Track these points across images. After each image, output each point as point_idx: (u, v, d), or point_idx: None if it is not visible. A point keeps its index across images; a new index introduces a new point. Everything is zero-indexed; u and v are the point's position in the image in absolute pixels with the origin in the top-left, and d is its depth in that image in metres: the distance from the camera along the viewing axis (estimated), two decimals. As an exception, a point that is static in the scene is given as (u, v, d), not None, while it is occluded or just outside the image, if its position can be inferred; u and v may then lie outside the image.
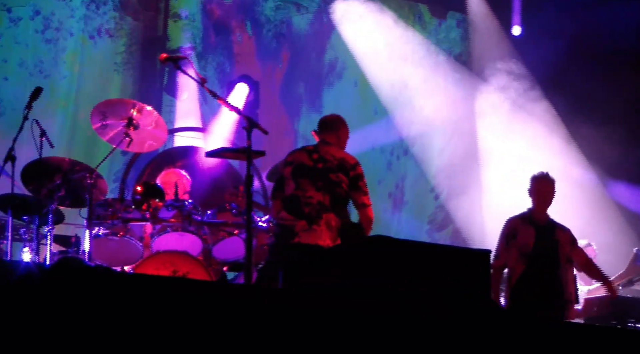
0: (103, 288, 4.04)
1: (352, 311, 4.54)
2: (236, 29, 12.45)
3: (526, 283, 7.87)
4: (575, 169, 12.73)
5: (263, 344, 4.18)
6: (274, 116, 12.49)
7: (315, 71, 13.08)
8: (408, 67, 13.14)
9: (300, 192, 6.98)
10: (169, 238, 8.35)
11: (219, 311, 4.19)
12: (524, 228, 7.96)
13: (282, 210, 7.00)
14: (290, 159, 7.17)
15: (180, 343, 4.02)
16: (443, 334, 4.68)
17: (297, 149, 7.31)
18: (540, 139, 12.86)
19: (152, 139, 8.39)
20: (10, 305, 3.83)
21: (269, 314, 4.28)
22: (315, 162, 7.09)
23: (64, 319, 3.87)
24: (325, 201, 6.98)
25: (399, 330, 4.56)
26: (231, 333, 4.14)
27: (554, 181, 8.09)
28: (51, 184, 7.92)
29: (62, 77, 11.17)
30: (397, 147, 13.42)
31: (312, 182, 7.01)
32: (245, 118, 6.40)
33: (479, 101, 13.41)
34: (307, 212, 6.92)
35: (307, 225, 6.90)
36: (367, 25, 12.83)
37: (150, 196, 8.18)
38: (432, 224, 13.57)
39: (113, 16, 11.60)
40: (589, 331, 5.64)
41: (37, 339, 3.80)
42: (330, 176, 7.07)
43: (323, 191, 7.00)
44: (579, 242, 10.19)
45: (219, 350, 4.10)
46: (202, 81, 6.50)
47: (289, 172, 7.07)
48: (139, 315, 4.00)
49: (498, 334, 4.91)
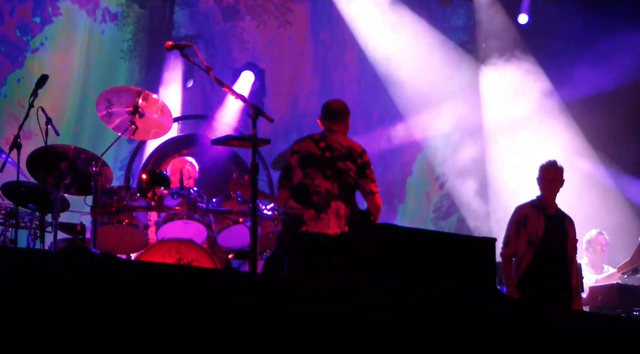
0: (108, 275, 4.04)
1: (358, 300, 4.54)
2: (244, 15, 12.44)
3: (534, 273, 7.86)
4: (582, 158, 12.69)
5: (268, 333, 4.18)
6: (282, 103, 12.50)
7: (322, 59, 13.08)
8: (414, 55, 13.12)
9: (308, 181, 6.95)
10: (174, 226, 8.35)
11: (223, 299, 4.19)
12: (535, 216, 7.95)
13: (290, 199, 6.96)
14: (297, 147, 7.11)
15: (184, 331, 4.03)
16: (449, 321, 4.68)
17: (304, 138, 7.23)
18: (546, 128, 12.82)
19: (158, 127, 8.39)
20: (18, 294, 3.83)
21: (274, 303, 4.28)
22: (323, 151, 7.05)
23: (70, 306, 3.87)
24: (333, 189, 6.96)
25: (404, 319, 4.56)
26: (236, 321, 4.14)
27: (562, 169, 8.08)
28: (57, 172, 7.92)
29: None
30: (404, 135, 13.41)
31: (320, 171, 6.98)
32: (250, 106, 6.38)
33: (485, 89, 13.38)
34: (316, 201, 6.89)
35: (315, 214, 6.88)
36: (374, 13, 12.81)
37: (156, 184, 8.17)
38: (437, 213, 13.57)
39: (120, 3, 11.61)
40: (594, 320, 5.65)
41: (43, 326, 3.81)
42: (338, 164, 7.04)
43: (331, 179, 6.97)
44: (591, 232, 10.25)
45: (224, 338, 4.10)
46: (208, 69, 6.48)
47: (296, 161, 7.02)
48: (144, 303, 4.01)
49: (504, 323, 4.91)
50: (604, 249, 10.22)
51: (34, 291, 3.85)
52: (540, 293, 7.76)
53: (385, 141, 13.26)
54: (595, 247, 10.18)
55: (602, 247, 10.20)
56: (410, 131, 13.33)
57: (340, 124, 7.25)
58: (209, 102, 12.04)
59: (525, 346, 4.86)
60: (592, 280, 9.84)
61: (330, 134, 7.18)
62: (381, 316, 4.51)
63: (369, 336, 4.42)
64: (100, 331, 3.88)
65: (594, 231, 10.27)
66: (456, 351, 4.64)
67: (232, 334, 4.12)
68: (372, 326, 4.44)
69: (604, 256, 10.24)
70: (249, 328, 4.16)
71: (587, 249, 10.17)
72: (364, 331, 4.42)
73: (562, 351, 4.96)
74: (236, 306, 4.18)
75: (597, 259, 10.18)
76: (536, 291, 7.77)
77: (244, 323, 4.16)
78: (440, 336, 4.61)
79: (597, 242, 10.18)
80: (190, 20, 12.15)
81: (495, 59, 13.17)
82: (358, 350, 4.39)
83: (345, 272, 5.76)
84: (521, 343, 4.84)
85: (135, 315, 3.96)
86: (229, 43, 12.32)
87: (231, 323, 4.13)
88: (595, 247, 10.18)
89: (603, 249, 10.21)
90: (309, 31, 12.98)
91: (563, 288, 7.87)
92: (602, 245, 10.21)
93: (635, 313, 9.42)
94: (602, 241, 10.22)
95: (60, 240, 8.03)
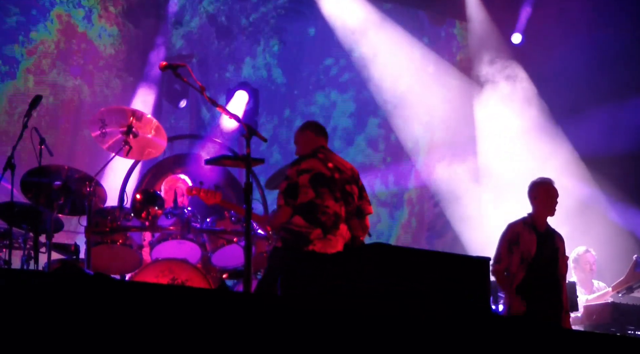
0: (102, 295, 4.04)
1: (352, 319, 4.54)
2: (238, 34, 12.47)
3: (526, 290, 7.85)
4: (574, 179, 12.69)
5: (262, 351, 4.18)
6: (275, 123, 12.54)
7: (314, 76, 13.12)
8: (408, 73, 13.16)
9: (319, 201, 6.92)
10: (168, 246, 8.35)
11: (218, 319, 4.18)
12: (526, 234, 7.93)
13: (295, 216, 6.91)
14: (306, 166, 7.02)
15: (179, 351, 4.02)
16: (442, 341, 4.67)
17: (308, 156, 7.15)
18: (539, 146, 12.85)
19: (152, 146, 8.38)
20: (11, 311, 3.82)
21: (268, 322, 4.27)
22: (332, 172, 7.04)
23: (62, 326, 3.86)
24: (341, 211, 6.96)
25: (398, 338, 4.55)
26: (230, 341, 4.13)
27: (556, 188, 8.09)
28: (50, 192, 7.92)
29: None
30: (396, 154, 13.44)
31: (331, 192, 6.96)
32: (244, 126, 6.39)
33: (478, 107, 13.42)
34: (324, 221, 6.88)
35: (322, 234, 6.87)
36: (367, 32, 12.86)
37: (150, 203, 8.18)
38: (431, 231, 13.57)
39: (115, 23, 11.63)
40: (588, 339, 5.64)
41: (35, 345, 3.80)
42: (346, 187, 7.06)
43: (340, 202, 6.98)
44: (578, 249, 10.20)
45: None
46: (202, 89, 6.49)
47: (307, 179, 6.96)
48: (138, 323, 4.00)
49: (498, 342, 4.90)
50: (593, 268, 10.17)
51: (27, 312, 3.84)
52: (532, 310, 7.75)
53: (378, 159, 13.29)
54: (584, 267, 10.12)
55: (590, 266, 10.15)
56: (403, 149, 13.36)
57: (327, 142, 7.30)
58: (203, 122, 12.05)
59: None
60: (583, 300, 9.79)
61: (329, 153, 7.18)
62: (375, 334, 4.50)
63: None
64: (94, 352, 3.87)
65: (581, 249, 10.18)
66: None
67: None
68: (365, 345, 4.44)
69: (593, 275, 10.19)
70: (244, 348, 4.15)
71: (575, 268, 10.09)
72: (357, 350, 4.41)
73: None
74: (231, 327, 4.17)
75: (587, 278, 10.12)
76: (528, 309, 7.76)
77: (238, 343, 4.15)
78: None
79: (585, 261, 10.12)
80: (184, 39, 12.18)
81: (488, 78, 13.21)
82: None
83: (338, 291, 5.76)
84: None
85: (129, 336, 3.95)
86: (223, 62, 12.34)
87: (225, 344, 4.12)
88: (584, 267, 10.12)
89: (592, 268, 10.16)
90: (303, 51, 13.02)
91: (554, 305, 7.85)
92: (591, 264, 10.16)
93: (630, 332, 9.40)
94: (590, 260, 10.16)
95: (54, 260, 8.01)
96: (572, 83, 12.69)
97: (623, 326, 9.37)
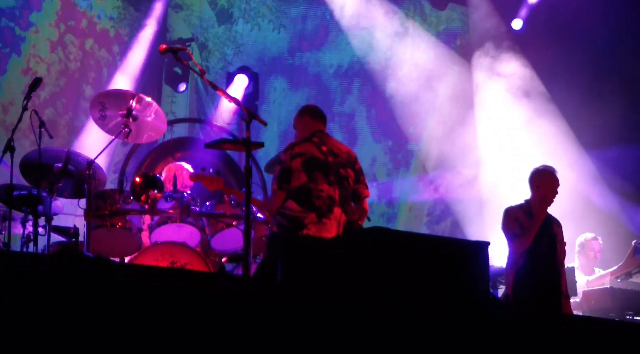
0: (101, 278, 4.04)
1: (350, 304, 4.54)
2: (238, 18, 12.44)
3: (525, 277, 7.84)
4: (575, 159, 12.69)
5: (260, 336, 4.18)
6: (275, 107, 12.52)
7: (316, 65, 13.09)
8: (408, 59, 13.15)
9: (312, 184, 6.92)
10: (167, 229, 8.34)
11: (217, 302, 4.18)
12: (525, 221, 7.92)
13: (290, 200, 6.92)
14: (299, 150, 7.04)
15: (177, 334, 4.02)
16: (442, 325, 4.68)
17: (302, 141, 7.16)
18: (539, 131, 12.84)
19: (152, 130, 8.38)
20: (11, 297, 3.82)
21: (267, 306, 4.28)
22: (326, 156, 7.03)
23: (63, 309, 3.87)
24: (335, 195, 6.96)
25: (397, 323, 4.56)
26: (229, 324, 4.14)
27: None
28: (50, 175, 7.92)
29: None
30: (397, 140, 13.43)
31: (324, 176, 6.96)
32: (244, 109, 6.38)
33: (478, 93, 13.40)
34: (318, 205, 6.88)
35: (316, 218, 6.87)
36: (369, 18, 12.84)
37: (149, 187, 8.17)
38: (431, 217, 13.57)
39: (116, 6, 11.61)
40: (587, 324, 5.65)
41: (36, 329, 3.80)
42: (341, 170, 7.05)
43: (334, 185, 6.98)
44: (586, 235, 10.21)
45: (216, 341, 4.10)
46: (202, 72, 6.47)
47: (300, 163, 6.97)
48: (137, 305, 4.00)
49: (498, 326, 4.91)
50: (597, 256, 10.20)
51: (27, 294, 3.84)
52: (531, 297, 7.75)
53: (379, 147, 13.29)
54: (589, 253, 10.14)
55: (595, 253, 10.18)
56: (403, 136, 13.36)
57: (324, 126, 7.29)
58: (203, 105, 12.04)
59: (517, 350, 4.86)
60: (584, 281, 9.83)
61: (325, 137, 7.17)
62: (374, 319, 4.50)
63: (361, 339, 4.42)
64: (93, 334, 3.88)
65: (589, 235, 10.21)
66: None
67: (225, 337, 4.12)
68: (365, 328, 4.44)
69: (596, 262, 10.22)
70: (243, 331, 4.16)
71: (579, 253, 10.15)
72: (356, 334, 4.41)
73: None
74: (230, 310, 4.18)
75: (589, 264, 10.16)
76: (527, 295, 7.75)
77: (237, 326, 4.16)
78: (432, 339, 4.61)
79: (590, 248, 10.15)
80: (185, 23, 12.15)
81: (489, 63, 13.20)
82: (351, 352, 4.39)
83: (338, 275, 5.76)
84: (513, 347, 4.85)
85: (128, 318, 3.96)
86: (223, 46, 12.32)
87: (224, 326, 4.13)
88: (589, 253, 10.14)
89: (596, 256, 10.19)
90: (303, 35, 12.99)
91: (553, 291, 7.85)
92: (596, 251, 10.18)
93: (629, 317, 9.42)
94: (595, 248, 10.19)
95: (53, 243, 8.03)
96: (574, 71, 12.69)
97: (622, 311, 9.39)
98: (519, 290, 7.83)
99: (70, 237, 8.25)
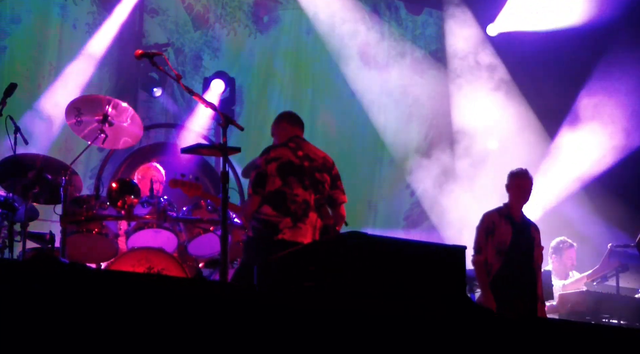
0: (77, 285, 4.02)
1: (328, 309, 4.54)
2: (214, 23, 12.42)
3: (502, 281, 7.88)
4: (551, 166, 12.76)
5: (238, 342, 4.18)
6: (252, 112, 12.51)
7: (294, 68, 13.09)
8: (384, 63, 13.18)
9: (287, 189, 6.95)
10: (144, 235, 8.33)
11: (194, 308, 4.17)
12: (502, 224, 7.97)
13: (265, 205, 6.94)
14: (274, 155, 7.08)
15: (154, 340, 4.01)
16: (418, 330, 4.68)
17: (279, 145, 7.20)
18: (514, 135, 12.91)
19: (128, 135, 8.36)
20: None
21: (245, 311, 4.27)
22: (302, 160, 7.06)
23: (37, 316, 3.84)
24: (310, 200, 6.98)
25: (374, 327, 4.56)
26: (206, 330, 4.13)
27: (532, 177, 8.12)
28: (25, 181, 7.88)
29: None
30: (373, 143, 13.44)
31: (299, 180, 6.98)
32: (220, 114, 6.37)
33: (455, 97, 13.44)
34: (293, 209, 6.90)
35: (291, 222, 6.89)
36: (342, 22, 12.85)
37: (126, 192, 8.14)
38: (407, 221, 13.59)
39: (91, 11, 11.56)
40: (563, 327, 5.67)
41: (9, 336, 3.78)
42: (316, 175, 7.07)
43: (309, 190, 6.99)
44: (562, 239, 10.24)
45: (193, 347, 4.09)
46: (178, 77, 6.47)
47: (275, 168, 7.00)
48: (113, 312, 3.98)
49: (473, 331, 4.92)
50: (574, 263, 10.24)
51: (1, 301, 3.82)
52: (507, 301, 7.79)
53: (356, 151, 13.29)
54: (566, 261, 10.16)
55: (572, 261, 10.21)
56: (380, 139, 13.37)
57: (302, 131, 7.32)
58: (179, 111, 12.01)
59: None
60: (559, 285, 9.86)
61: (301, 142, 7.19)
62: (350, 325, 4.51)
63: (338, 345, 4.42)
64: (68, 341, 3.85)
65: (566, 242, 10.22)
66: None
67: (202, 344, 4.11)
68: (341, 335, 4.44)
69: (572, 268, 10.25)
70: (220, 338, 4.15)
71: (554, 257, 10.16)
72: (334, 340, 4.41)
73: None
74: (207, 316, 4.17)
75: (563, 269, 10.18)
76: (504, 299, 7.79)
77: (214, 332, 4.15)
78: (409, 343, 4.62)
79: (568, 256, 10.16)
80: (161, 28, 12.12)
81: (464, 68, 13.25)
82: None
83: (315, 280, 5.76)
84: (489, 350, 4.86)
85: (104, 325, 3.94)
86: (199, 51, 12.30)
87: (201, 333, 4.12)
88: (566, 261, 10.16)
89: (573, 263, 10.23)
90: (279, 40, 12.98)
91: (529, 295, 7.89)
92: (573, 259, 10.21)
93: (605, 320, 9.47)
94: (572, 256, 10.21)
95: (29, 249, 7.98)
96: (549, 72, 12.77)
97: (597, 314, 9.44)
98: (495, 293, 7.87)
99: (45, 244, 8.21)
